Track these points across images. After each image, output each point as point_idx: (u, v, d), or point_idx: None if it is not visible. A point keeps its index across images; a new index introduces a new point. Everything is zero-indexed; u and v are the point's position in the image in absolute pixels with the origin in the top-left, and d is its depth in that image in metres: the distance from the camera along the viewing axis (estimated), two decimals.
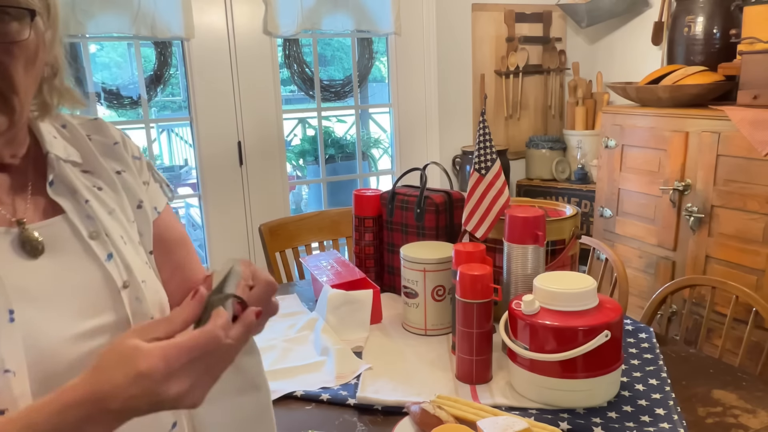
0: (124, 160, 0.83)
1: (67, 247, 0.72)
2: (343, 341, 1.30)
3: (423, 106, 3.16)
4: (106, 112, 2.72)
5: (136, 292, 0.75)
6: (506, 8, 3.19)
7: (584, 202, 2.99)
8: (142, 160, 0.86)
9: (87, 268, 0.72)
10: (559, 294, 1.04)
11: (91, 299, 0.71)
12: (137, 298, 0.75)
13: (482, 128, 1.28)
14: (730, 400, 1.07)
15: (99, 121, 0.83)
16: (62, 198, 0.74)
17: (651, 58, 2.88)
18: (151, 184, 0.86)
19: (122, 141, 0.84)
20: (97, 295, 0.72)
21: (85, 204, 0.74)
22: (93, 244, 0.73)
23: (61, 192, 0.74)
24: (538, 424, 0.95)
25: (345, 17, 2.82)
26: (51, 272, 0.69)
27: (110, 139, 0.83)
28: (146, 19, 2.43)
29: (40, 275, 0.68)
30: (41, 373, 0.64)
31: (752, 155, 1.92)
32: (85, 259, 0.72)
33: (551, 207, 1.46)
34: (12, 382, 0.62)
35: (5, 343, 0.62)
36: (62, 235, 0.72)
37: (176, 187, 4.98)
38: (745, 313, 1.60)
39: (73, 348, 0.68)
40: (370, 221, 1.60)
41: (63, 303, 0.69)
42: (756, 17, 2.12)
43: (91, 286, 0.72)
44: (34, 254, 0.69)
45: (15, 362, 0.62)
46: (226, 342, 0.59)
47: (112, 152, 0.82)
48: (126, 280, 0.74)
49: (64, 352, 0.67)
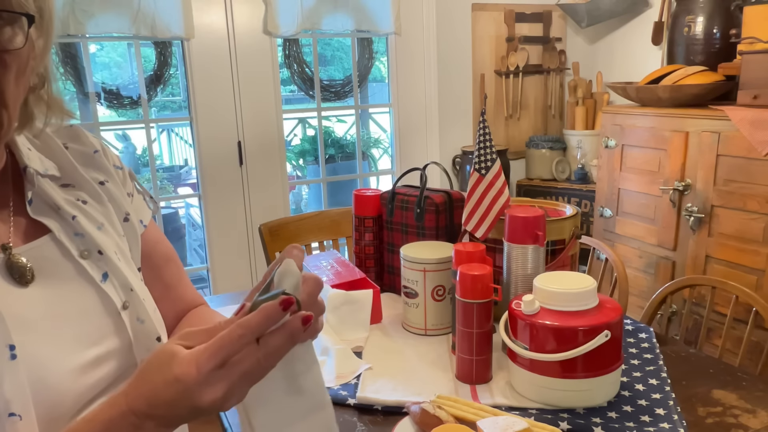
0: (106, 170, 0.76)
1: (58, 271, 0.66)
2: (343, 341, 1.30)
3: (423, 106, 3.16)
4: (106, 112, 2.73)
5: (137, 312, 0.70)
6: (506, 8, 3.19)
7: (584, 202, 2.99)
8: (124, 170, 0.80)
9: (82, 292, 0.67)
10: (559, 294, 1.04)
11: (90, 325, 0.66)
12: (139, 319, 0.70)
13: (482, 128, 1.28)
14: (730, 400, 1.07)
15: (75, 128, 0.76)
16: (45, 217, 0.67)
17: (651, 58, 2.88)
18: (134, 195, 0.80)
19: (102, 149, 0.77)
20: (96, 320, 0.67)
21: (73, 221, 0.68)
22: (85, 264, 0.68)
23: (43, 210, 0.68)
24: (538, 424, 0.95)
25: (345, 17, 2.82)
26: (44, 299, 0.64)
27: (89, 147, 0.76)
28: (146, 19, 2.43)
29: (34, 304, 0.63)
30: (48, 411, 0.60)
31: (752, 155, 1.92)
32: (79, 282, 0.67)
33: (551, 207, 1.46)
34: (19, 427, 0.57)
35: (9, 383, 0.57)
36: (51, 257, 0.66)
37: (176, 187, 4.98)
38: (745, 313, 1.60)
39: (80, 380, 0.63)
40: (370, 221, 1.60)
41: (62, 332, 0.64)
42: (756, 17, 2.12)
43: (88, 310, 0.67)
44: (23, 282, 0.63)
45: (20, 404, 0.57)
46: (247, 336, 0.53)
47: (92, 162, 0.75)
48: (125, 300, 0.69)
49: (69, 386, 0.62)
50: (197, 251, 4.15)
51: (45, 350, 0.61)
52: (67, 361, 0.63)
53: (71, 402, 0.62)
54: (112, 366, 0.67)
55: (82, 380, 0.63)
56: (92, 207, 0.72)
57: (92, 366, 0.65)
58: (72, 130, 0.76)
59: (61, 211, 0.68)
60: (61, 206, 0.69)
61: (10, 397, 0.56)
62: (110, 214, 0.74)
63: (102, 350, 0.66)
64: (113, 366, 0.67)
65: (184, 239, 4.37)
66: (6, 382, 0.57)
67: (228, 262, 2.81)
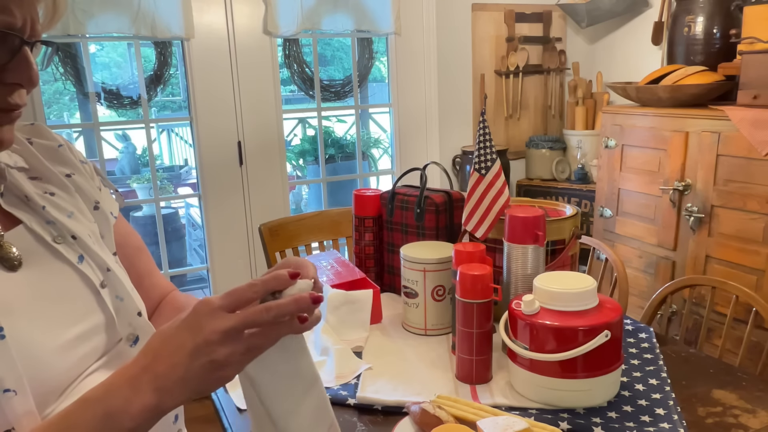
0: (71, 163, 0.79)
1: (35, 256, 0.69)
2: (343, 341, 1.30)
3: (423, 106, 3.16)
4: (106, 112, 2.73)
5: (115, 290, 0.74)
6: (506, 8, 3.19)
7: (584, 202, 2.99)
8: (89, 165, 0.83)
9: (61, 274, 0.70)
10: (559, 294, 1.04)
11: (73, 304, 0.70)
12: (118, 297, 0.74)
13: (482, 128, 1.28)
14: (730, 400, 1.07)
15: (38, 125, 0.79)
16: (16, 209, 0.70)
17: (651, 58, 2.88)
18: (102, 189, 0.84)
19: (66, 144, 0.80)
20: (79, 299, 0.70)
21: (43, 210, 0.71)
22: (60, 248, 0.71)
23: (13, 202, 0.71)
24: (538, 424, 0.95)
25: (345, 17, 2.82)
26: (27, 283, 0.67)
27: (53, 141, 0.79)
28: (146, 19, 2.43)
29: (17, 288, 0.66)
30: (39, 385, 0.63)
31: (752, 155, 1.92)
32: (57, 265, 0.70)
33: (551, 207, 1.46)
34: (14, 402, 0.60)
35: (1, 362, 0.60)
36: (27, 245, 0.69)
37: (176, 187, 4.98)
38: (745, 313, 1.60)
39: (68, 356, 0.67)
40: (370, 221, 1.60)
41: (47, 312, 0.67)
42: (756, 17, 2.12)
43: (70, 290, 0.70)
44: (12, 269, 0.66)
45: (13, 380, 0.60)
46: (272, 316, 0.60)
47: (57, 156, 0.78)
48: (103, 279, 0.73)
49: (58, 362, 0.65)
50: (197, 251, 4.15)
51: (32, 329, 0.65)
52: (54, 338, 0.66)
53: (61, 376, 0.66)
54: (98, 341, 0.71)
55: (70, 355, 0.67)
56: (60, 198, 0.75)
57: (78, 341, 0.69)
58: (35, 127, 0.79)
59: (30, 203, 0.71)
60: (31, 197, 0.71)
61: (2, 374, 0.60)
62: (79, 203, 0.77)
63: (86, 327, 0.70)
64: (99, 341, 0.71)
65: (184, 239, 4.36)
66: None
67: (228, 262, 2.81)
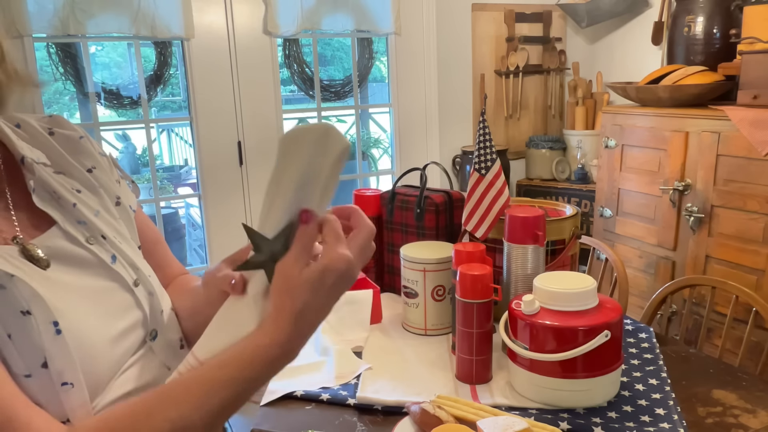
0: (92, 156, 0.78)
1: (70, 258, 0.69)
2: (343, 341, 1.30)
3: (423, 106, 3.16)
4: (106, 112, 2.73)
5: (147, 287, 0.75)
6: (506, 8, 3.19)
7: (584, 202, 2.99)
8: (107, 157, 0.82)
9: (97, 274, 0.71)
10: (559, 294, 1.04)
11: (113, 301, 0.71)
12: (150, 293, 0.76)
13: (482, 128, 1.28)
14: (730, 400, 1.07)
15: (56, 116, 0.78)
16: (49, 207, 0.69)
17: (651, 58, 2.88)
18: (121, 182, 0.83)
19: (86, 136, 0.79)
20: (117, 297, 0.72)
21: (74, 208, 0.71)
22: (94, 249, 0.71)
23: (45, 199, 0.70)
24: (538, 424, 0.95)
25: (345, 17, 2.82)
26: (65, 282, 0.67)
27: (75, 132, 0.78)
28: (146, 19, 2.43)
29: (56, 285, 0.66)
30: (92, 378, 0.65)
31: (752, 155, 1.92)
32: (91, 265, 0.71)
33: (551, 207, 1.46)
34: (71, 394, 0.62)
35: (59, 356, 0.62)
36: (62, 246, 0.69)
37: (176, 187, 4.98)
38: (745, 313, 1.60)
39: (115, 349, 0.69)
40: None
41: (91, 308, 0.68)
42: (756, 17, 2.12)
43: (107, 289, 0.71)
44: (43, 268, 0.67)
45: (71, 374, 0.62)
46: None
47: (79, 147, 0.77)
48: (135, 278, 0.74)
49: (108, 355, 0.68)
50: (197, 251, 4.15)
51: (83, 324, 0.66)
52: (103, 332, 0.68)
53: (109, 369, 0.68)
54: (137, 336, 0.73)
55: (117, 349, 0.69)
56: (86, 195, 0.75)
57: (122, 336, 0.70)
58: (53, 118, 0.78)
59: (61, 200, 0.71)
60: (61, 194, 0.71)
61: (61, 368, 0.62)
62: (104, 200, 0.77)
63: (127, 323, 0.72)
64: (137, 337, 0.73)
65: (184, 239, 4.36)
66: (57, 356, 0.62)
67: None
